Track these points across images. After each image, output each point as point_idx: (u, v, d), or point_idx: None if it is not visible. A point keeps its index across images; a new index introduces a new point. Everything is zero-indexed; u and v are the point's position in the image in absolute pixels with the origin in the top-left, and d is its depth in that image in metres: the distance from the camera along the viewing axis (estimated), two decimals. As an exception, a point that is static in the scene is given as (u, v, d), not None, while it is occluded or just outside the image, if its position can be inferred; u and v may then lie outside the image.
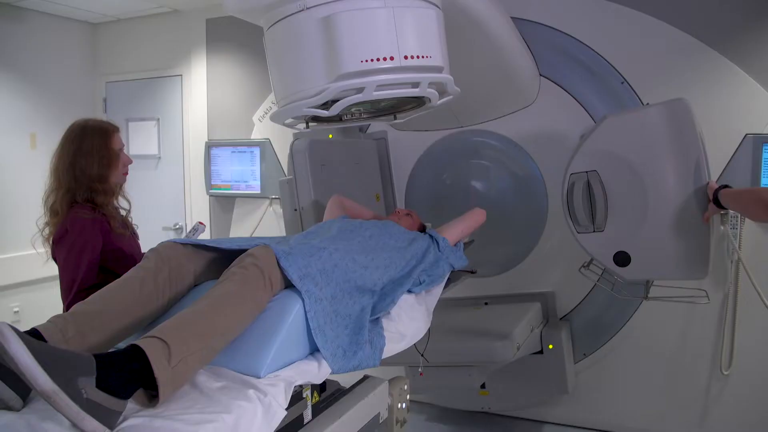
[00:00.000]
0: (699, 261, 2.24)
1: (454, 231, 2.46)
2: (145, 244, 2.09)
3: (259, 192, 4.08)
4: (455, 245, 2.42)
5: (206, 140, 4.23)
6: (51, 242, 2.19)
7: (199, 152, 4.27)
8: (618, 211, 2.32)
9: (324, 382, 1.66)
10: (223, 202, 4.28)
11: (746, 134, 2.81)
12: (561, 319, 3.19)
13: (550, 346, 2.96)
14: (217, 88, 4.24)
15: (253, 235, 3.91)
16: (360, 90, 1.71)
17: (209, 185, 4.21)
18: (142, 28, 4.56)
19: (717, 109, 2.82)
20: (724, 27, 2.85)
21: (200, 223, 2.62)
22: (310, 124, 2.05)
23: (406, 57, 1.72)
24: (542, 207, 3.22)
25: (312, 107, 1.78)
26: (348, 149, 3.28)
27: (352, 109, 2.11)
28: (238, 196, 4.20)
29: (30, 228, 2.28)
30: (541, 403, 3.20)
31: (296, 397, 1.51)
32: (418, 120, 3.26)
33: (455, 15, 2.03)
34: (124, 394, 1.16)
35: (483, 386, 3.10)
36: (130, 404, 1.19)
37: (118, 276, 2.08)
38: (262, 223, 4.06)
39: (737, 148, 2.82)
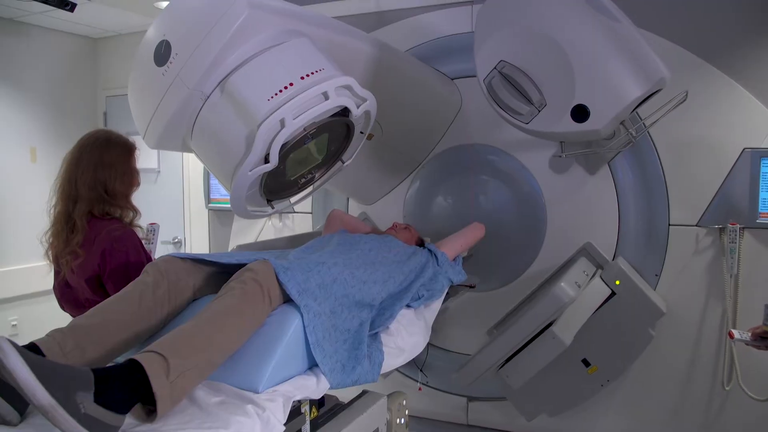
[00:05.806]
0: (648, 63, 2.14)
1: (453, 245, 2.46)
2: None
3: (258, 206, 4.09)
4: (454, 260, 2.43)
5: (206, 154, 4.25)
6: (87, 259, 1.97)
7: (199, 166, 4.27)
8: (546, 77, 2.22)
9: (323, 397, 1.66)
10: (222, 216, 4.27)
11: (744, 148, 2.81)
12: (613, 260, 3.09)
13: (617, 282, 2.84)
14: (216, 102, 4.25)
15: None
16: (283, 124, 1.78)
17: (208, 199, 4.21)
18: (143, 43, 4.59)
19: (715, 123, 2.83)
20: (721, 41, 2.86)
21: (152, 224, 2.32)
22: (272, 203, 2.10)
23: (302, 77, 1.83)
24: (535, 190, 3.18)
25: (253, 170, 1.83)
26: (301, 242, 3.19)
27: (302, 171, 2.16)
28: (238, 210, 4.21)
29: (30, 241, 2.21)
30: (649, 339, 2.98)
31: (295, 412, 1.51)
32: (384, 179, 3.39)
33: (336, 50, 2.12)
34: (122, 409, 1.15)
35: (587, 364, 2.96)
36: (128, 419, 1.19)
37: None
38: (261, 237, 4.06)
39: (735, 162, 2.83)
